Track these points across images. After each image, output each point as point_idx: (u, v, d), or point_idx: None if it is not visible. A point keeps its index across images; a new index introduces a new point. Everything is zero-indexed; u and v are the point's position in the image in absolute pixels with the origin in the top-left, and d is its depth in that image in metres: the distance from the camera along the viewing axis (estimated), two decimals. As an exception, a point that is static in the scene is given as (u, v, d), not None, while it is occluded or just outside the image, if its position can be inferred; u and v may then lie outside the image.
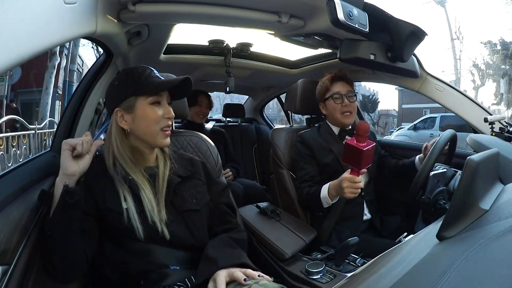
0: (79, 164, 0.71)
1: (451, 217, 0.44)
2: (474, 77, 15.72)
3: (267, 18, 0.97)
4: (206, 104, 1.99)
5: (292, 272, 1.01)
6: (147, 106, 0.78)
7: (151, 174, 0.82)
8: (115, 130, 0.80)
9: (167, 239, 0.76)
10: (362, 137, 0.96)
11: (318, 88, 1.34)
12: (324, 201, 1.16)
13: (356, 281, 0.48)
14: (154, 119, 0.78)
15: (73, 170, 0.70)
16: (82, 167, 0.71)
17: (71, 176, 0.70)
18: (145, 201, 0.77)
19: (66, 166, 0.69)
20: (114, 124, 0.80)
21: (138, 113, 0.78)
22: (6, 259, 0.61)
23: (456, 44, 16.36)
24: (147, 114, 0.78)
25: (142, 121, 0.78)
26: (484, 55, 15.47)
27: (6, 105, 6.10)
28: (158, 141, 0.81)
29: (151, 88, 0.78)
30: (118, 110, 0.79)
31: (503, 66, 14.05)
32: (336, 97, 1.28)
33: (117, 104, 0.79)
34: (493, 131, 1.16)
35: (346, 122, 1.30)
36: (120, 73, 0.84)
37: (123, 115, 0.79)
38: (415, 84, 1.37)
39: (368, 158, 0.99)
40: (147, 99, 0.78)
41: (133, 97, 0.78)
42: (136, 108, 0.78)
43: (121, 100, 0.79)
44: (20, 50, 0.48)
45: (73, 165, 0.70)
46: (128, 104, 0.78)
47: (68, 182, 0.69)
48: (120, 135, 0.80)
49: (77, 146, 0.70)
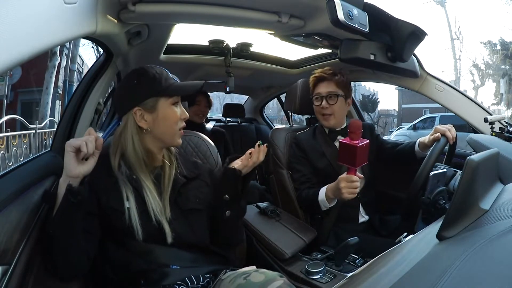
0: (83, 166, 0.69)
1: (451, 217, 0.45)
2: (474, 77, 15.71)
3: (267, 18, 0.97)
4: (205, 103, 1.97)
5: (292, 272, 1.01)
6: (168, 107, 0.80)
7: (157, 174, 0.83)
8: (132, 129, 0.80)
9: (170, 238, 0.77)
10: (355, 134, 0.96)
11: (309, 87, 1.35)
12: (322, 204, 1.16)
13: (356, 281, 0.48)
14: (175, 119, 0.81)
15: (77, 172, 0.68)
16: (87, 169, 0.70)
17: (74, 178, 0.69)
18: (149, 201, 0.77)
19: (70, 168, 0.68)
20: (131, 123, 0.80)
21: (160, 113, 0.80)
22: (6, 259, 0.61)
23: (456, 44, 16.35)
24: (169, 115, 0.80)
25: (163, 121, 0.80)
26: (484, 55, 15.46)
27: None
28: (175, 141, 0.83)
29: (174, 90, 0.80)
30: (138, 109, 0.79)
31: (503, 66, 14.03)
32: (316, 98, 1.28)
33: (136, 103, 0.79)
34: (493, 131, 1.16)
35: (325, 124, 1.28)
36: (135, 72, 0.82)
37: (143, 115, 0.79)
38: (415, 84, 1.37)
39: (363, 156, 0.99)
40: (169, 100, 0.80)
41: (155, 97, 0.79)
42: (158, 108, 0.80)
43: (141, 100, 0.79)
44: (20, 50, 0.48)
45: (77, 168, 0.68)
46: (149, 104, 0.79)
47: (72, 183, 0.68)
48: (137, 135, 0.80)
49: (82, 148, 0.67)
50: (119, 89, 0.84)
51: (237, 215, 0.90)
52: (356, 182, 1.01)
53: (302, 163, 1.29)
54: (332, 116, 1.27)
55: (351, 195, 1.02)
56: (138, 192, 0.78)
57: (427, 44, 1.45)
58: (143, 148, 0.80)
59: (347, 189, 1.01)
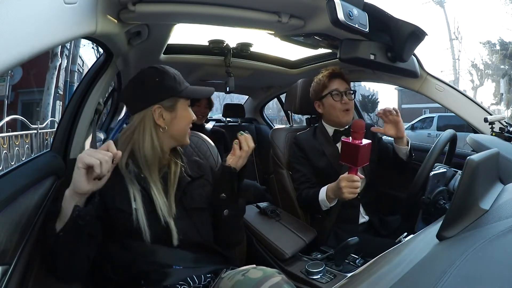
0: (95, 184, 0.67)
1: (451, 217, 0.44)
2: (473, 77, 15.73)
3: (267, 18, 0.97)
4: (205, 104, 1.95)
5: (292, 272, 1.01)
6: (186, 108, 0.84)
7: (164, 173, 0.84)
8: (151, 127, 0.79)
9: (175, 240, 0.77)
10: (358, 133, 0.97)
11: (314, 86, 1.33)
12: (322, 204, 1.16)
13: (356, 281, 0.48)
14: (189, 120, 0.85)
15: (87, 190, 0.66)
16: (98, 187, 0.68)
17: (83, 195, 0.67)
18: (157, 201, 0.77)
19: (79, 186, 0.65)
20: (149, 120, 0.79)
21: (178, 113, 0.82)
22: (6, 259, 0.61)
23: (455, 44, 16.35)
24: (186, 115, 0.83)
25: (180, 121, 0.82)
26: (483, 55, 15.48)
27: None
28: (185, 140, 0.86)
29: (193, 93, 0.84)
30: (158, 107, 0.79)
31: (502, 66, 14.04)
32: (335, 94, 1.27)
33: (157, 101, 0.79)
34: (493, 131, 1.16)
35: (345, 120, 1.28)
36: (156, 71, 0.81)
37: (161, 113, 0.80)
38: (415, 84, 1.37)
39: (365, 156, 0.99)
40: (186, 101, 0.83)
41: (175, 97, 0.81)
42: (177, 108, 0.81)
43: (163, 98, 0.80)
44: (20, 50, 0.48)
45: (87, 186, 0.65)
46: (170, 103, 0.80)
47: (79, 201, 0.66)
48: (155, 132, 0.80)
49: (95, 168, 0.63)
50: (135, 86, 0.82)
51: (236, 214, 0.90)
52: (357, 182, 1.01)
53: (302, 163, 1.29)
54: (351, 112, 1.29)
55: (352, 195, 1.02)
56: (146, 192, 0.78)
57: (426, 44, 1.45)
58: (158, 146, 0.80)
59: (348, 189, 1.01)
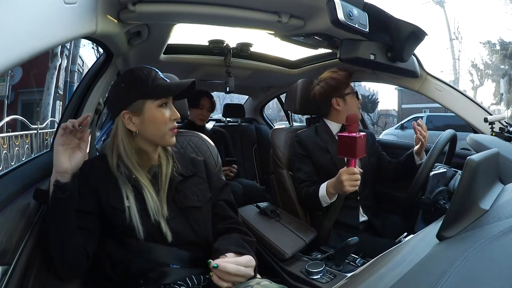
0: (71, 160, 0.71)
1: (451, 217, 0.44)
2: (473, 77, 15.74)
3: (267, 18, 0.97)
4: (208, 107, 1.96)
5: (292, 272, 1.01)
6: (155, 109, 0.80)
7: (154, 173, 0.83)
8: (122, 132, 0.80)
9: (169, 237, 0.77)
10: (353, 126, 1.01)
11: (332, 82, 1.30)
12: (322, 200, 1.16)
13: (356, 281, 0.48)
14: (162, 121, 0.80)
15: (65, 167, 0.70)
16: (75, 164, 0.71)
17: (63, 174, 0.70)
18: (148, 200, 0.77)
19: (58, 163, 0.69)
20: (120, 126, 0.80)
21: (146, 116, 0.79)
22: (6, 259, 0.61)
23: (455, 44, 16.36)
24: (156, 117, 0.80)
25: (151, 124, 0.80)
26: (483, 55, 15.48)
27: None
28: (166, 141, 0.83)
29: (160, 92, 0.79)
30: (125, 112, 0.79)
31: (502, 66, 14.04)
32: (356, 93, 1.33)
33: (123, 106, 0.79)
34: (493, 131, 1.16)
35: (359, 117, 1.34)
36: (124, 75, 0.83)
37: (130, 118, 0.80)
38: (415, 84, 1.37)
39: (362, 147, 1.01)
40: (155, 102, 0.79)
41: (141, 100, 0.79)
42: (145, 111, 0.79)
43: (129, 103, 0.79)
44: (20, 50, 0.48)
45: (65, 162, 0.70)
46: (136, 107, 0.79)
47: (60, 179, 0.69)
48: (127, 137, 0.80)
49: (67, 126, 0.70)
50: (110, 92, 0.85)
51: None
52: (357, 174, 1.03)
53: (303, 161, 1.29)
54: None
55: (353, 187, 1.04)
56: (138, 191, 0.78)
57: (426, 44, 1.44)
58: (134, 150, 0.81)
59: (349, 181, 1.03)
